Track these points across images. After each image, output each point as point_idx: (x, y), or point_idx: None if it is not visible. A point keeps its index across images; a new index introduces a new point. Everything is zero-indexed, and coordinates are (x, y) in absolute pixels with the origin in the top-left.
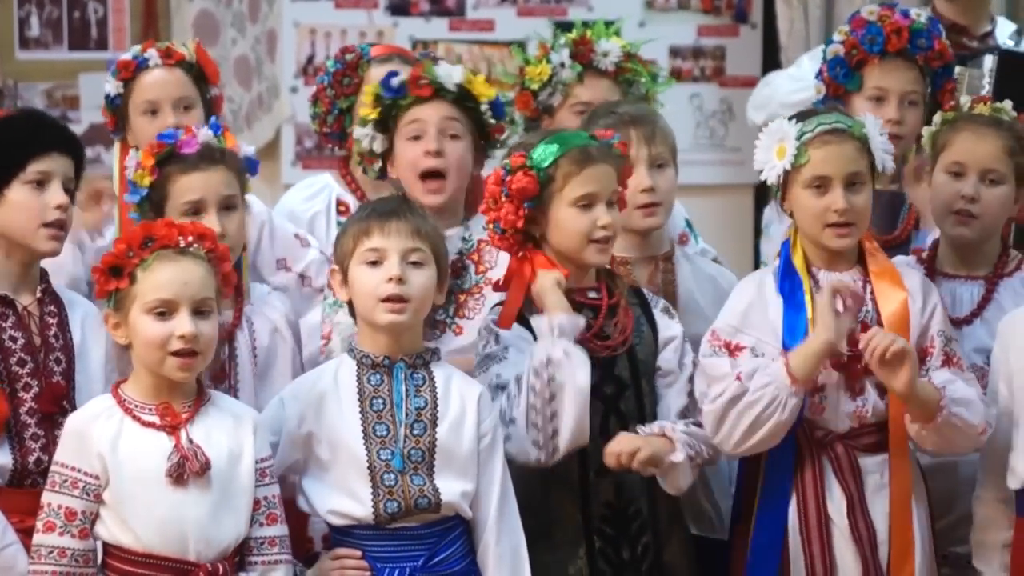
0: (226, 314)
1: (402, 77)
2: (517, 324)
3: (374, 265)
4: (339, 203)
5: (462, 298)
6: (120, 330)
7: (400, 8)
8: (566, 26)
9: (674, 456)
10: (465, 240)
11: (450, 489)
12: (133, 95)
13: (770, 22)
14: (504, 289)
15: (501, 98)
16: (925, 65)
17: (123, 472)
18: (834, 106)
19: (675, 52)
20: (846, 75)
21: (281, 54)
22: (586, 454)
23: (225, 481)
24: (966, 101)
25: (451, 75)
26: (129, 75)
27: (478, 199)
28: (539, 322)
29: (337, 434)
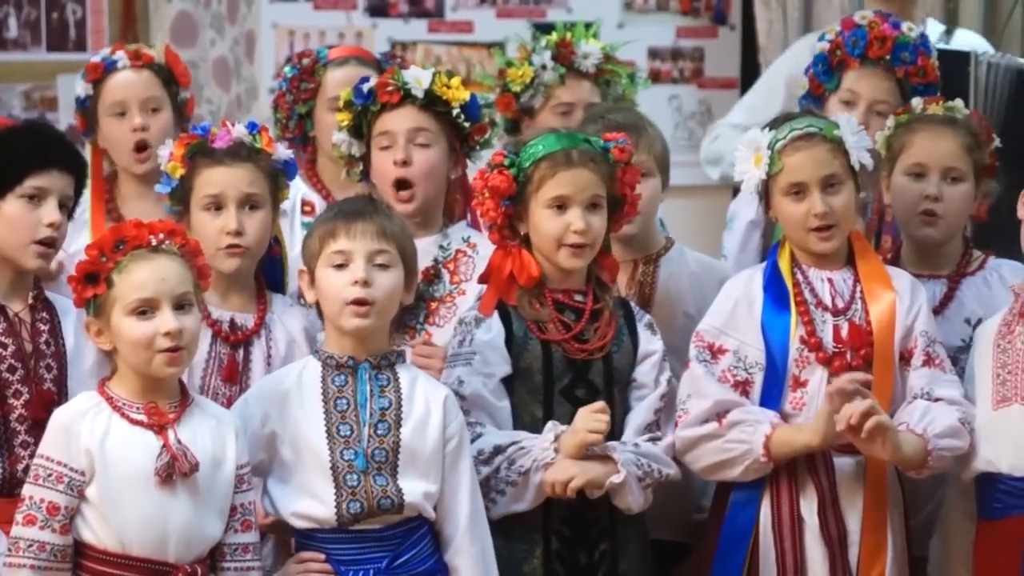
0: (246, 317)
1: (371, 84)
2: (497, 318)
3: (340, 268)
4: (304, 203)
5: (433, 306)
6: (103, 336)
7: (379, 9)
8: (545, 28)
9: (614, 477)
10: (443, 248)
11: (413, 490)
12: (102, 96)
13: (749, 24)
14: (486, 281)
15: (479, 100)
16: (905, 79)
17: (110, 469)
18: (808, 109)
19: (654, 53)
20: (826, 73)
21: (260, 55)
22: None
23: (207, 484)
24: (918, 103)
25: (420, 80)
26: (98, 76)
27: (459, 204)
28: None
29: (300, 434)
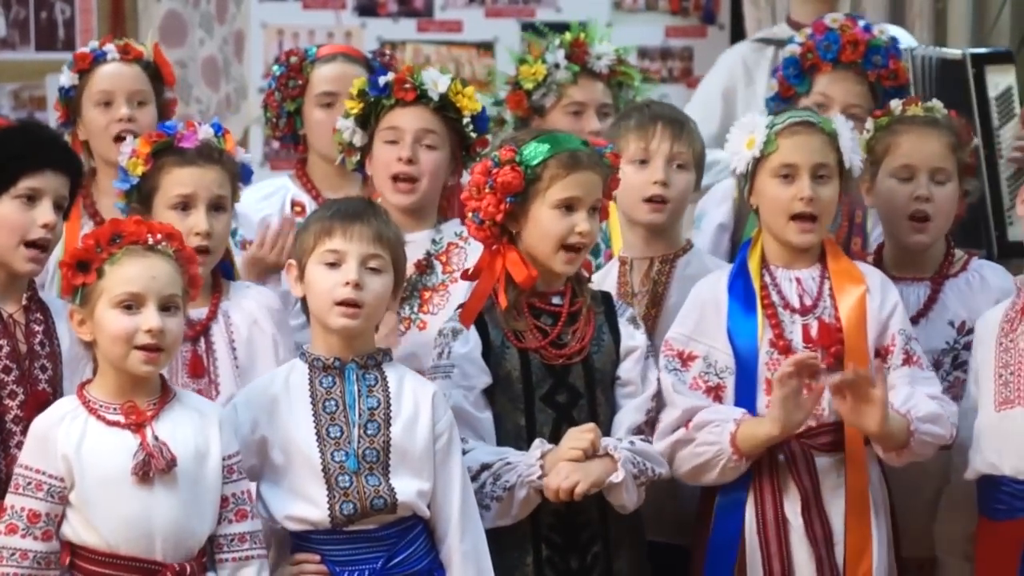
0: (200, 311)
1: (389, 77)
2: (474, 329)
3: (332, 267)
4: (295, 204)
5: (427, 295)
6: (84, 326)
7: (368, 9)
8: (531, 27)
9: (614, 477)
10: (435, 242)
11: (406, 489)
12: (88, 86)
13: (738, 23)
14: (473, 279)
15: (487, 108)
16: (877, 83)
17: (88, 473)
18: (806, 107)
19: (643, 53)
20: (797, 77)
21: (249, 55)
22: None
23: (192, 479)
24: (897, 104)
25: (437, 83)
26: (86, 67)
27: (451, 209)
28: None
29: (290, 438)
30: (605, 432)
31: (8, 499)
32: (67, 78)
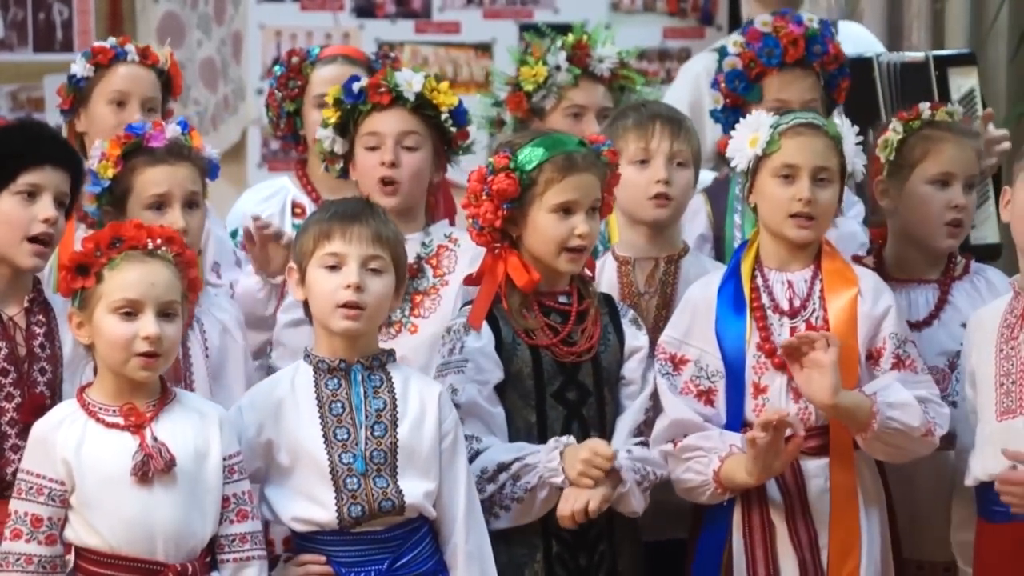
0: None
1: (363, 83)
2: (486, 325)
3: (333, 269)
4: (295, 205)
5: (418, 298)
6: (83, 329)
7: (366, 10)
8: (531, 27)
9: (621, 487)
10: (424, 245)
11: (413, 490)
12: (103, 81)
13: (736, 24)
14: (476, 284)
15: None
16: (821, 70)
17: (88, 475)
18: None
19: (641, 54)
20: (745, 88)
21: (247, 56)
22: None
23: (192, 479)
24: (925, 107)
25: (411, 83)
26: (105, 61)
27: (440, 206)
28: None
29: (297, 440)
30: (610, 430)
31: (12, 504)
32: (81, 68)
